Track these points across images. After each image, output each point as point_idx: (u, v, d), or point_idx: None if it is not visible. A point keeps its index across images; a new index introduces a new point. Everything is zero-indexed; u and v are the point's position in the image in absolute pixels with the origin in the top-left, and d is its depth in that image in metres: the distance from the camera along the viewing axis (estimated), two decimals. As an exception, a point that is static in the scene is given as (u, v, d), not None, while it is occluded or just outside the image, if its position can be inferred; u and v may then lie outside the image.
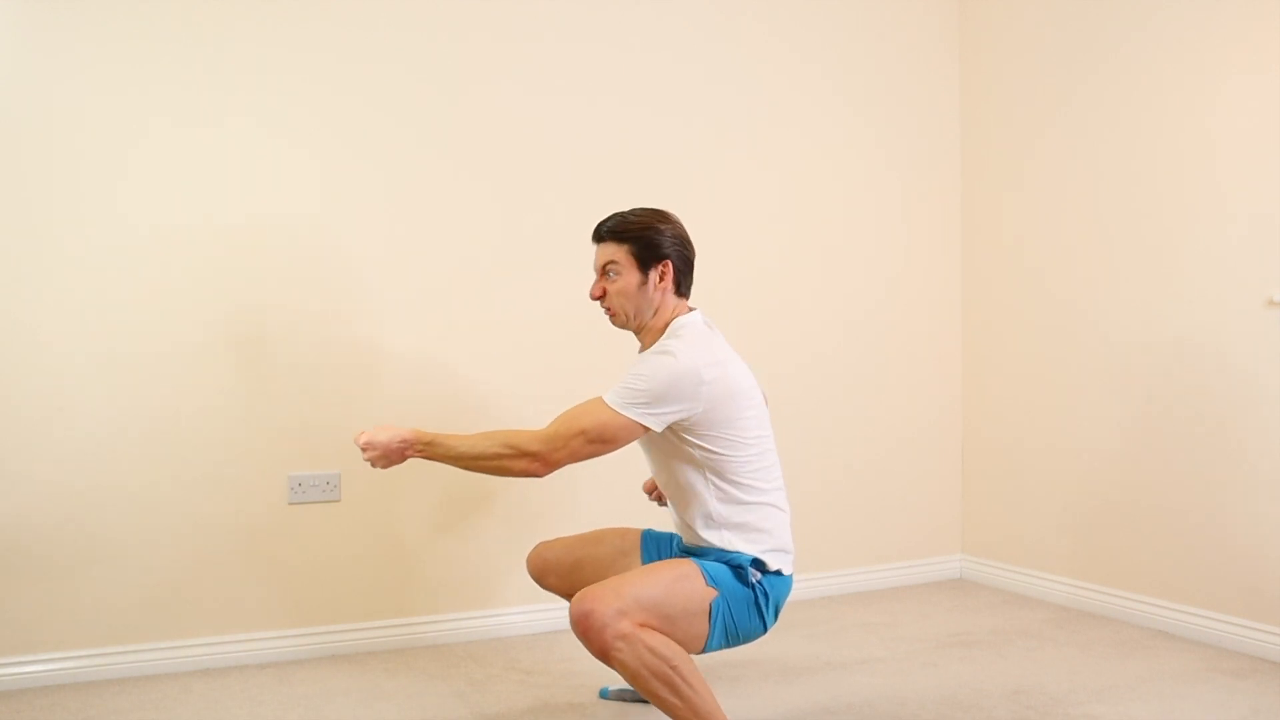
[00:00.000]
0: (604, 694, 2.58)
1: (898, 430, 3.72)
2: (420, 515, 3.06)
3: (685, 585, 2.03)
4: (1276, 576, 2.81)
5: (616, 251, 2.18)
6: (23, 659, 2.67)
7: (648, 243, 2.17)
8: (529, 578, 2.43)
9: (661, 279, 2.18)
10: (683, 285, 2.23)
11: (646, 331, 2.23)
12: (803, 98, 3.57)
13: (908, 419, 3.73)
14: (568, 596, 2.40)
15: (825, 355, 3.59)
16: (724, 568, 2.09)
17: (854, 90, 3.65)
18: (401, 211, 3.03)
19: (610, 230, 2.20)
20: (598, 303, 2.24)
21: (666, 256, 2.18)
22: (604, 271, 2.20)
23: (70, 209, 2.70)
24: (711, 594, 2.04)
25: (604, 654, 1.92)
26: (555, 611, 3.13)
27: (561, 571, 2.37)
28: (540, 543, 2.44)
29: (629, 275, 2.17)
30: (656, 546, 2.35)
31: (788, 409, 3.33)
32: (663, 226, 2.20)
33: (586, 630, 1.91)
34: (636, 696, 2.53)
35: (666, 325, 2.19)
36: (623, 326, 2.24)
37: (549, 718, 2.45)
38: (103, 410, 2.73)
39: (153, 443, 2.78)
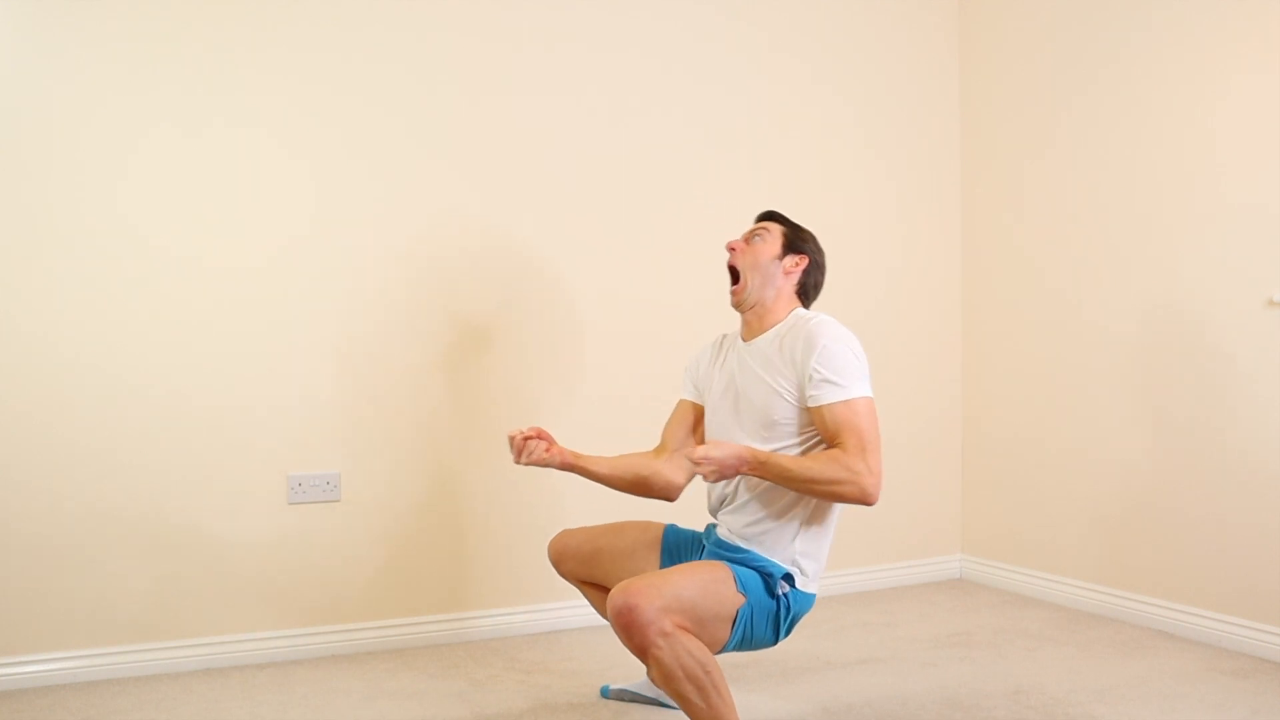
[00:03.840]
0: (604, 693, 2.58)
1: (898, 430, 3.71)
2: (420, 515, 3.06)
3: (719, 589, 2.03)
4: (1276, 576, 2.81)
5: (771, 225, 2.32)
6: (23, 659, 2.67)
7: (799, 235, 2.31)
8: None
9: (795, 267, 2.27)
10: (804, 291, 2.30)
11: (760, 311, 2.26)
12: (802, 100, 3.56)
13: (908, 418, 3.73)
14: (582, 584, 2.43)
15: (825, 355, 3.58)
16: (756, 576, 2.09)
17: (854, 91, 3.65)
18: (399, 212, 3.03)
19: (775, 212, 2.37)
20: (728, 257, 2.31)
21: (809, 256, 2.30)
22: (750, 235, 2.30)
23: (69, 208, 2.70)
24: (740, 600, 2.05)
25: (643, 650, 1.92)
26: (555, 611, 3.13)
27: (581, 557, 2.39)
28: (563, 529, 2.46)
29: (772, 244, 2.27)
30: (677, 543, 2.36)
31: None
32: (813, 240, 2.33)
33: (629, 625, 1.91)
34: (637, 696, 2.53)
35: (787, 314, 2.24)
36: (739, 291, 2.27)
37: (549, 718, 2.45)
38: (102, 411, 2.73)
39: (152, 442, 2.78)
